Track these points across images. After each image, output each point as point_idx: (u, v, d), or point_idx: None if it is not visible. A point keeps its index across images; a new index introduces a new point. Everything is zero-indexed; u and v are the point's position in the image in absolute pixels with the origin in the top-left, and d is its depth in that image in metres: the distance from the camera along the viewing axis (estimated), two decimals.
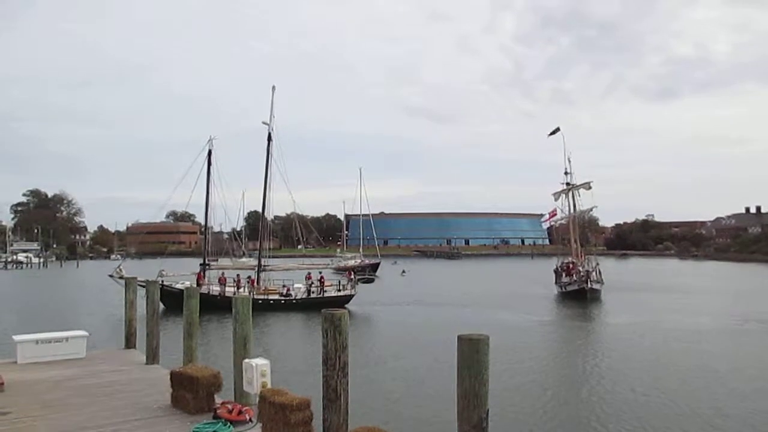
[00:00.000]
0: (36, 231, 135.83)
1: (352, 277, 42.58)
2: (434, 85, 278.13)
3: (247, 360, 9.62)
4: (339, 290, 41.50)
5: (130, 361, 14.32)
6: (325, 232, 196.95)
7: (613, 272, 54.34)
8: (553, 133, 53.86)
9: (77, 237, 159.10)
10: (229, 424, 8.57)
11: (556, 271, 52.41)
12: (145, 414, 9.62)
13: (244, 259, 79.06)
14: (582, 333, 30.31)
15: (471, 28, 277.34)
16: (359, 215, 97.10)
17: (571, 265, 49.57)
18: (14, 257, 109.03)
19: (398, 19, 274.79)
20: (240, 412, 8.79)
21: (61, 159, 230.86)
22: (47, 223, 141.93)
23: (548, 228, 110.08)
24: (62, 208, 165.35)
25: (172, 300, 37.93)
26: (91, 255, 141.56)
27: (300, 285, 41.32)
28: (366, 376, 17.80)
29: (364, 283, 43.33)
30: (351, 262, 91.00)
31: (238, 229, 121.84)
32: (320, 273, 43.09)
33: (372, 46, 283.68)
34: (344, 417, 7.46)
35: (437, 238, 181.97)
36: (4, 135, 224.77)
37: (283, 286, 41.08)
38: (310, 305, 38.25)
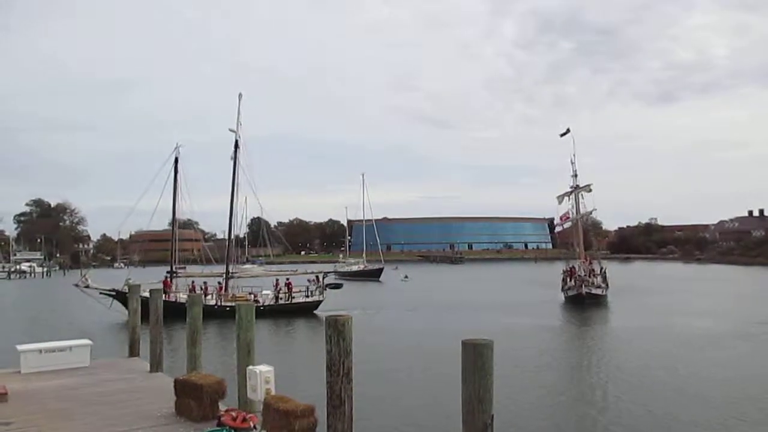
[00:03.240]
0: (39, 240, 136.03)
1: (320, 283, 42.08)
2: (436, 91, 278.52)
3: (251, 367, 9.60)
4: (307, 296, 41.13)
5: (134, 369, 14.32)
6: (328, 238, 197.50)
7: (617, 276, 54.16)
8: (564, 134, 54.00)
9: (80, 246, 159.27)
10: (233, 431, 8.55)
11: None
12: (150, 422, 9.61)
13: (247, 266, 79.08)
14: (585, 338, 30.21)
15: (471, 34, 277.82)
16: (362, 221, 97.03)
17: (572, 270, 49.38)
18: (18, 267, 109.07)
19: (399, 25, 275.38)
20: (244, 420, 8.76)
21: (63, 168, 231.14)
22: (50, 232, 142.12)
23: (559, 231, 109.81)
24: (65, 218, 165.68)
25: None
26: (94, 263, 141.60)
27: (268, 292, 40.92)
28: (370, 381, 17.73)
29: (332, 289, 42.91)
30: (354, 268, 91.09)
31: (241, 235, 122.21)
32: (287, 279, 42.44)
33: (373, 53, 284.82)
34: (349, 423, 7.43)
35: (440, 243, 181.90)
36: (7, 146, 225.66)
37: (250, 293, 40.62)
38: (278, 312, 38.06)
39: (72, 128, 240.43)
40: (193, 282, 40.06)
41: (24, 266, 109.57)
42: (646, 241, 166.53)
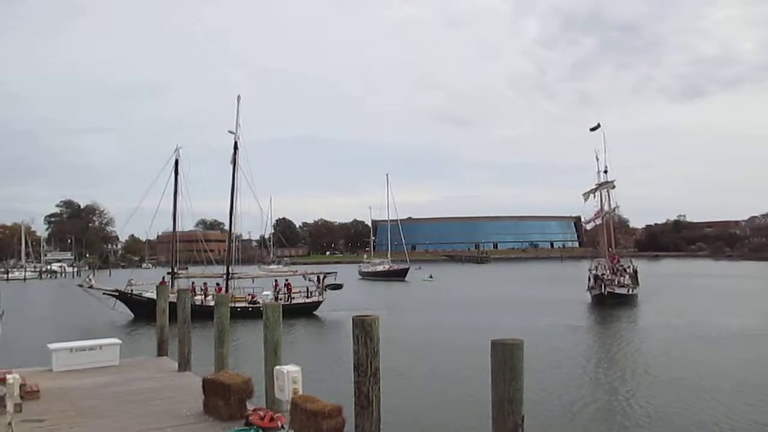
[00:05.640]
0: (69, 241, 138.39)
1: (320, 283, 41.81)
2: (458, 90, 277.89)
3: (278, 367, 9.61)
4: (307, 297, 40.94)
5: (163, 368, 14.45)
6: (353, 239, 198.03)
7: (646, 274, 53.41)
8: (595, 128, 53.43)
9: (109, 246, 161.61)
10: (261, 430, 8.57)
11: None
12: (179, 421, 9.69)
13: (273, 266, 79.72)
14: (608, 338, 29.81)
15: (493, 33, 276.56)
16: (387, 221, 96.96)
17: (598, 269, 48.76)
18: (48, 267, 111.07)
19: (420, 25, 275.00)
20: (272, 419, 8.77)
21: (91, 170, 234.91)
22: (80, 233, 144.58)
23: (586, 230, 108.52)
24: (94, 218, 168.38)
25: (141, 308, 38.01)
26: (122, 264, 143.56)
27: (268, 293, 40.79)
28: (397, 381, 17.70)
29: (332, 290, 42.40)
30: (379, 268, 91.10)
31: (266, 236, 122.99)
32: (286, 280, 42.24)
33: (395, 53, 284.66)
34: (376, 424, 7.40)
35: (465, 243, 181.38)
36: (34, 149, 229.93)
37: (249, 294, 40.51)
38: None
39: (98, 130, 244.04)
40: (193, 283, 39.95)
41: (55, 266, 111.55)
42: (675, 239, 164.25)
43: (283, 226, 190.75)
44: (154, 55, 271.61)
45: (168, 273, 44.20)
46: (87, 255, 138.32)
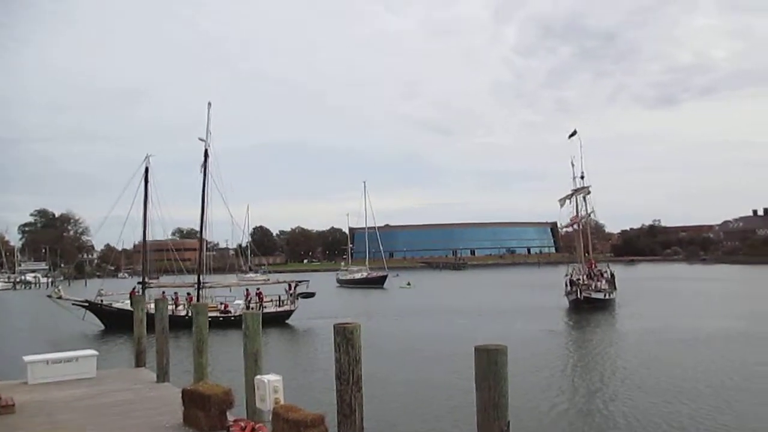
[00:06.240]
0: (44, 251, 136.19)
1: (292, 291, 41.49)
2: (439, 98, 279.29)
3: (259, 376, 9.54)
4: (279, 306, 40.60)
5: (141, 379, 14.27)
6: (330, 246, 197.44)
7: (622, 279, 54.03)
8: (572, 135, 54.04)
9: (85, 256, 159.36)
10: None
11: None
12: None
13: (250, 275, 79.07)
14: (591, 343, 30.05)
15: (474, 42, 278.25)
16: (364, 228, 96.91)
17: (573, 274, 49.20)
18: (22, 277, 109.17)
19: (404, 34, 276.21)
20: (253, 430, 8.69)
21: (67, 178, 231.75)
22: (54, 242, 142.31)
23: (562, 235, 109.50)
24: (69, 228, 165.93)
25: (111, 319, 37.80)
26: (98, 273, 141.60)
27: (239, 302, 40.50)
28: (379, 389, 17.64)
29: (304, 298, 42.12)
30: (357, 275, 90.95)
31: (244, 244, 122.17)
32: (258, 289, 41.95)
33: (378, 61, 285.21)
34: None
35: (443, 250, 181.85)
36: (11, 157, 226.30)
37: (221, 303, 40.05)
38: None
39: (75, 138, 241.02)
40: (164, 293, 39.33)
41: (29, 277, 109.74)
42: (651, 243, 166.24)
43: (260, 234, 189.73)
44: (134, 61, 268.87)
45: (139, 283, 43.57)
46: (62, 265, 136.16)
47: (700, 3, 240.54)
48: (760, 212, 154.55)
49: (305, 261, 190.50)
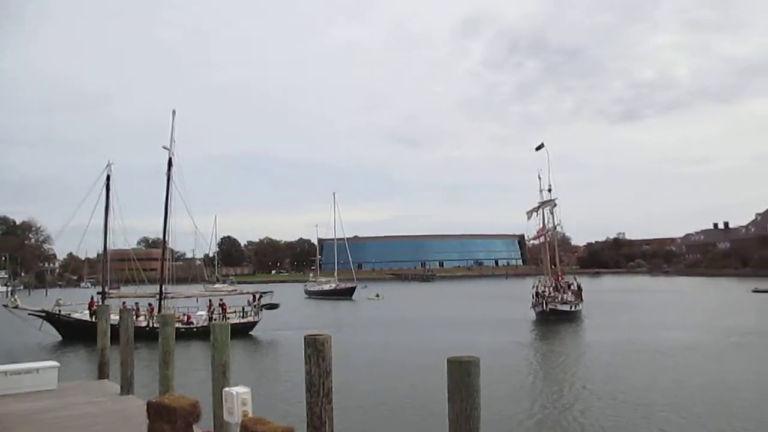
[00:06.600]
0: (3, 259, 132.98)
1: (256, 303, 41.13)
2: (407, 111, 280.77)
3: (227, 388, 9.38)
4: (242, 317, 40.11)
5: (104, 391, 13.94)
6: (299, 257, 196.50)
7: (588, 290, 54.72)
8: (539, 147, 54.56)
9: (46, 265, 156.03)
10: None
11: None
12: None
13: (217, 285, 78.20)
14: (556, 354, 30.32)
15: (441, 55, 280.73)
16: (333, 239, 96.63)
17: (538, 286, 49.66)
18: None
19: (372, 46, 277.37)
20: None
21: (29, 186, 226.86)
22: (15, 250, 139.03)
23: (530, 247, 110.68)
24: (31, 236, 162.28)
25: (69, 329, 37.17)
26: (60, 283, 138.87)
27: (202, 313, 40.12)
28: (350, 401, 17.52)
29: (268, 309, 41.69)
30: (325, 287, 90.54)
31: (211, 254, 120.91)
32: (221, 300, 41.58)
33: (347, 73, 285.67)
34: None
35: (412, 261, 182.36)
36: None
37: (184, 314, 39.42)
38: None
39: (37, 143, 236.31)
40: (124, 303, 38.59)
41: None
42: (615, 256, 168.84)
43: (228, 244, 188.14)
44: (98, 67, 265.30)
45: (98, 293, 42.70)
46: (22, 274, 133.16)
47: (661, 21, 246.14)
48: (721, 225, 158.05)
49: (273, 272, 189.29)
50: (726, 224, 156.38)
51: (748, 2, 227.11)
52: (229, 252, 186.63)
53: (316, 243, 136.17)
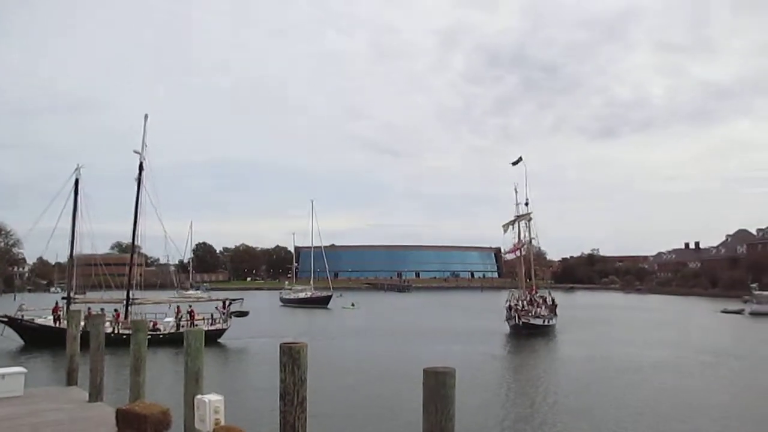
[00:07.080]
0: None
1: (226, 310, 40.76)
2: (387, 121, 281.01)
3: (199, 396, 9.27)
4: (211, 324, 39.56)
5: (72, 398, 13.67)
6: (275, 264, 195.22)
7: (562, 305, 55.13)
8: (516, 162, 54.96)
9: (15, 269, 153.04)
10: None
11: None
12: None
13: (191, 291, 77.36)
14: (527, 368, 30.48)
15: (422, 67, 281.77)
16: (310, 247, 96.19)
17: (511, 300, 49.86)
18: None
19: (354, 56, 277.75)
20: None
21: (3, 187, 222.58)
22: None
23: (505, 261, 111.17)
24: None
25: (32, 335, 36.57)
26: (29, 288, 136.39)
27: (170, 319, 39.67)
28: (324, 411, 17.40)
29: (237, 317, 41.38)
30: (301, 295, 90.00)
31: (185, 260, 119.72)
32: (190, 306, 41.15)
33: (328, 82, 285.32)
34: None
35: (388, 271, 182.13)
36: None
37: (150, 321, 38.35)
38: (178, 339, 36.42)
39: (7, 146, 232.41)
40: (89, 308, 37.82)
41: None
42: (589, 272, 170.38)
43: (203, 250, 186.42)
44: (79, 69, 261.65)
45: (63, 298, 41.87)
46: None
47: (636, 42, 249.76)
48: (692, 245, 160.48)
49: (249, 279, 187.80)
50: (697, 244, 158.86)
51: (720, 26, 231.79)
52: (204, 258, 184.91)
53: (292, 250, 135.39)
